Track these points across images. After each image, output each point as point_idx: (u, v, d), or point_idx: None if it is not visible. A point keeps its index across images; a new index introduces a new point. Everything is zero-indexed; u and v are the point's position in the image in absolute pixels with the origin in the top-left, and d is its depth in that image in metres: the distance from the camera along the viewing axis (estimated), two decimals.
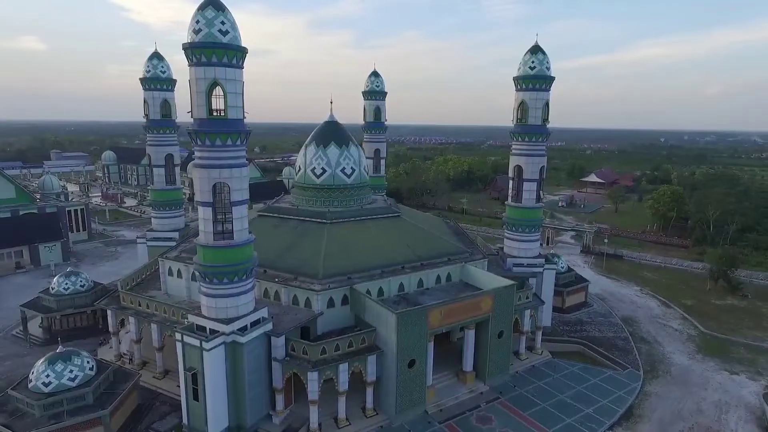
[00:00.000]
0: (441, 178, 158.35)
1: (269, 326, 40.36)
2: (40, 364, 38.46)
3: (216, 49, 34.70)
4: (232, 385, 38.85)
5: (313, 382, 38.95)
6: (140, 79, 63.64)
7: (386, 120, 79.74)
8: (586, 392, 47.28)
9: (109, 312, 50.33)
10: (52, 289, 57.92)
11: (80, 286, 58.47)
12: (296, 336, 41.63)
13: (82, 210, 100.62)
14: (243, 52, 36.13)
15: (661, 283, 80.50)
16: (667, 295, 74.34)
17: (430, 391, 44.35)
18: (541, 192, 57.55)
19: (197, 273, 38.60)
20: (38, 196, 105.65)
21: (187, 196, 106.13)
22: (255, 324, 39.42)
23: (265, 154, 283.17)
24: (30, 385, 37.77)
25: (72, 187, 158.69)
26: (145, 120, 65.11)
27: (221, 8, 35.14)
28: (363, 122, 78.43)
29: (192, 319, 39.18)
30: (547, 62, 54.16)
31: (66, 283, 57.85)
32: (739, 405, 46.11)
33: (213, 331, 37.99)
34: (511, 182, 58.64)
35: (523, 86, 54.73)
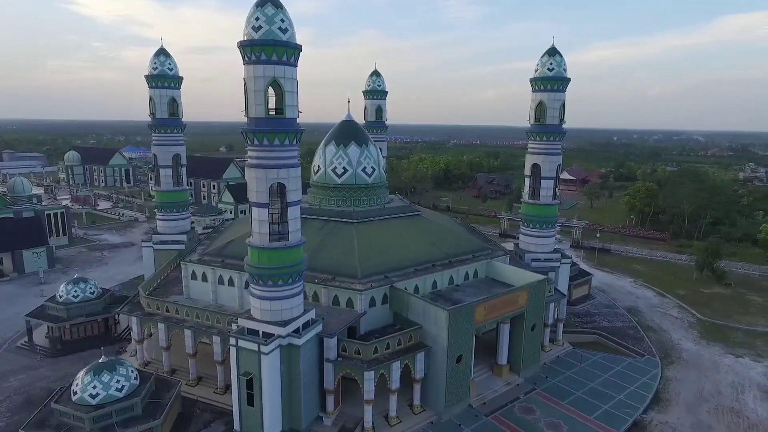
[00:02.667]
0: (424, 177, 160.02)
1: (320, 327, 40.08)
2: (84, 375, 36.65)
3: (277, 47, 34.08)
4: (287, 388, 38.31)
5: (369, 382, 39.01)
6: (145, 76, 61.32)
7: (387, 119, 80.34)
8: (614, 380, 49.53)
9: (134, 319, 48.22)
10: (60, 297, 54.98)
11: (90, 293, 55.83)
12: (344, 336, 41.48)
13: (61, 213, 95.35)
14: (299, 50, 35.67)
15: (651, 274, 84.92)
16: (659, 286, 78.58)
17: (472, 385, 45.24)
18: (557, 189, 59.61)
19: (250, 275, 37.72)
20: (9, 199, 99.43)
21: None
22: (306, 325, 39.04)
23: (234, 154, 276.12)
24: (74, 398, 35.96)
25: (35, 190, 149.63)
26: (150, 119, 62.68)
27: (279, 5, 34.53)
28: (364, 121, 78.46)
29: (243, 323, 38.30)
30: (564, 64, 56.17)
31: (75, 291, 55.06)
32: (752, 385, 49.59)
33: (266, 334, 37.28)
34: (527, 180, 60.41)
35: (541, 87, 56.51)
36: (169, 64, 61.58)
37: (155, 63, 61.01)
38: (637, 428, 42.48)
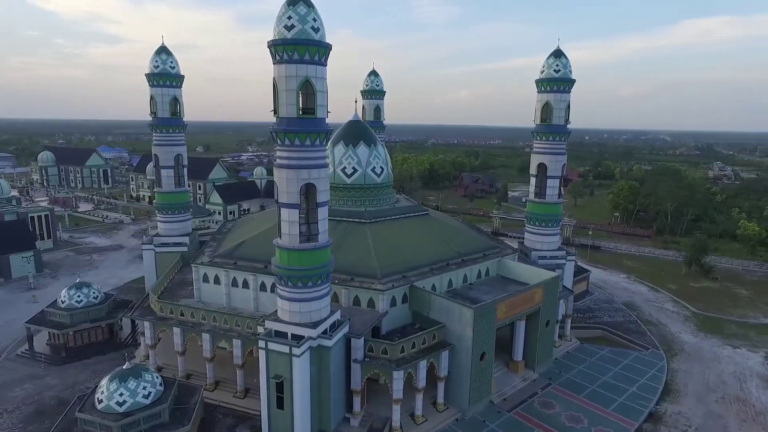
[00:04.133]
0: (414, 176, 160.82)
1: (347, 328, 39.95)
2: (109, 383, 35.58)
3: (309, 47, 33.82)
4: (317, 389, 38.02)
5: (398, 381, 39.13)
6: (146, 74, 59.80)
7: (385, 119, 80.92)
8: (624, 373, 50.95)
9: (146, 324, 46.95)
10: (62, 302, 53.16)
11: (93, 297, 54.21)
12: (368, 336, 41.43)
13: (46, 216, 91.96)
14: (329, 49, 35.46)
15: (642, 270, 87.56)
16: (652, 281, 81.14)
17: (492, 381, 45.84)
18: (561, 188, 60.83)
19: (278, 277, 37.26)
20: None
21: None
22: (334, 326, 38.86)
23: (213, 154, 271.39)
24: (100, 406, 34.89)
25: None
26: (152, 118, 61.10)
27: (311, 4, 34.26)
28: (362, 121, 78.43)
29: (270, 325, 37.80)
30: (570, 65, 57.37)
31: (78, 296, 53.34)
32: (752, 375, 51.80)
33: (296, 336, 36.94)
34: (533, 179, 61.42)
35: (547, 88, 57.57)
36: (171, 62, 60.19)
37: (156, 61, 59.52)
38: (653, 419, 43.83)
